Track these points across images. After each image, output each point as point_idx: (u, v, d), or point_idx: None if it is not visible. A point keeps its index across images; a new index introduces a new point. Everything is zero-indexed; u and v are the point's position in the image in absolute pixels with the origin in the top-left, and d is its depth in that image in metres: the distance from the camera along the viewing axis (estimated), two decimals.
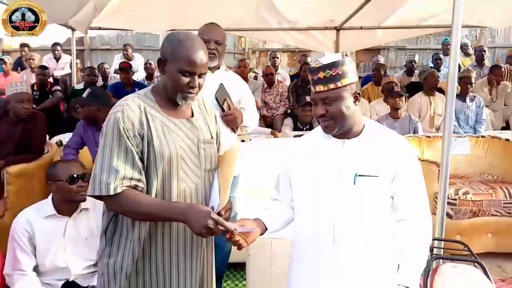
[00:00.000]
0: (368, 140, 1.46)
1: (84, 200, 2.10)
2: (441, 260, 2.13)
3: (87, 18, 4.27)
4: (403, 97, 4.33)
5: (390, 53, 9.01)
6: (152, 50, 8.40)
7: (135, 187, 1.42)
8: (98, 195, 1.40)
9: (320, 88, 1.40)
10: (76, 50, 5.63)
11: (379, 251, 1.46)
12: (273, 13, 4.75)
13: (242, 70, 5.37)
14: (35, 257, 2.06)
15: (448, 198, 3.17)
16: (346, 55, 1.65)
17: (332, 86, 1.38)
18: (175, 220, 1.45)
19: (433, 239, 2.16)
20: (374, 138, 1.47)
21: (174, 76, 1.47)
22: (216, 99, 2.29)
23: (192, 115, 1.58)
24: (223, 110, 2.32)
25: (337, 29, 5.36)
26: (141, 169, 1.43)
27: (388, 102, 4.47)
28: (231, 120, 2.35)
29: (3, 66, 6.12)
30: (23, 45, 6.97)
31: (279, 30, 5.31)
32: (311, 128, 3.99)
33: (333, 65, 1.38)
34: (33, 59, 6.11)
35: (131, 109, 1.45)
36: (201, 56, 1.47)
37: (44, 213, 2.08)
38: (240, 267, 2.92)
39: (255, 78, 6.35)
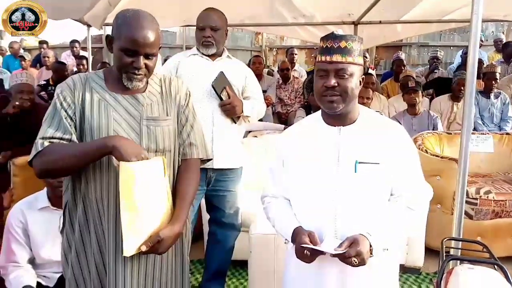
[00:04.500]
0: (364, 127, 1.40)
1: None
2: (458, 261, 1.99)
3: (102, 14, 4.24)
4: (419, 92, 4.14)
5: (412, 50, 8.73)
6: (170, 47, 8.39)
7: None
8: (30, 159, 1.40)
9: (337, 58, 1.31)
10: (96, 47, 5.66)
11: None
12: (288, 8, 4.63)
13: (256, 66, 5.28)
14: (31, 249, 2.02)
15: (468, 197, 3.01)
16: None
17: (350, 59, 1.32)
18: (100, 151, 1.36)
19: (448, 239, 2.02)
20: (369, 124, 1.41)
21: (117, 54, 1.43)
22: (213, 87, 2.19)
23: (144, 92, 1.51)
24: (221, 99, 2.22)
25: (355, 24, 5.19)
26: (68, 129, 1.41)
27: (404, 99, 4.30)
28: (229, 110, 2.25)
29: (23, 63, 6.23)
30: (41, 43, 7.06)
31: (294, 25, 5.18)
32: None
33: (353, 38, 1.33)
34: (48, 57, 6.16)
35: (72, 80, 1.47)
36: (145, 34, 1.40)
37: (38, 205, 2.04)
38: (244, 265, 2.82)
39: (269, 73, 6.24)
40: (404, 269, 2.94)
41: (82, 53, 6.99)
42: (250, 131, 4.38)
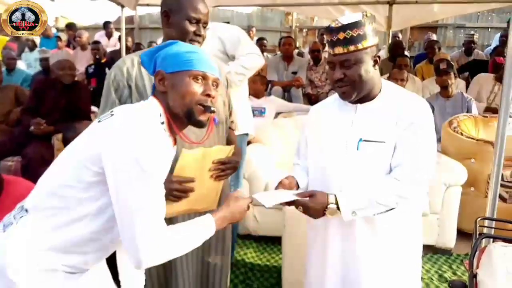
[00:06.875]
0: (383, 104, 1.40)
1: None
2: (491, 240, 1.99)
3: None
4: (451, 74, 4.03)
5: (448, 32, 8.48)
6: None
7: None
8: None
9: (339, 50, 1.32)
10: (126, 28, 5.74)
11: (388, 219, 1.41)
12: None
13: (286, 48, 5.17)
14: None
15: (503, 180, 2.97)
16: (367, 15, 1.47)
17: (352, 48, 1.31)
18: None
19: (482, 218, 2.02)
20: (389, 101, 1.40)
21: (181, 25, 1.53)
22: None
23: None
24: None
25: (390, 4, 5.10)
26: None
27: (437, 81, 4.22)
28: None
29: (59, 42, 6.41)
30: (69, 25, 7.24)
31: (327, 5, 5.14)
32: None
33: (354, 25, 1.29)
34: (80, 37, 6.22)
35: (124, 62, 1.54)
36: (204, 5, 1.56)
37: None
38: (276, 241, 2.90)
39: (299, 55, 6.18)
40: (435, 250, 2.95)
41: (115, 33, 7.15)
42: (280, 113, 4.42)
